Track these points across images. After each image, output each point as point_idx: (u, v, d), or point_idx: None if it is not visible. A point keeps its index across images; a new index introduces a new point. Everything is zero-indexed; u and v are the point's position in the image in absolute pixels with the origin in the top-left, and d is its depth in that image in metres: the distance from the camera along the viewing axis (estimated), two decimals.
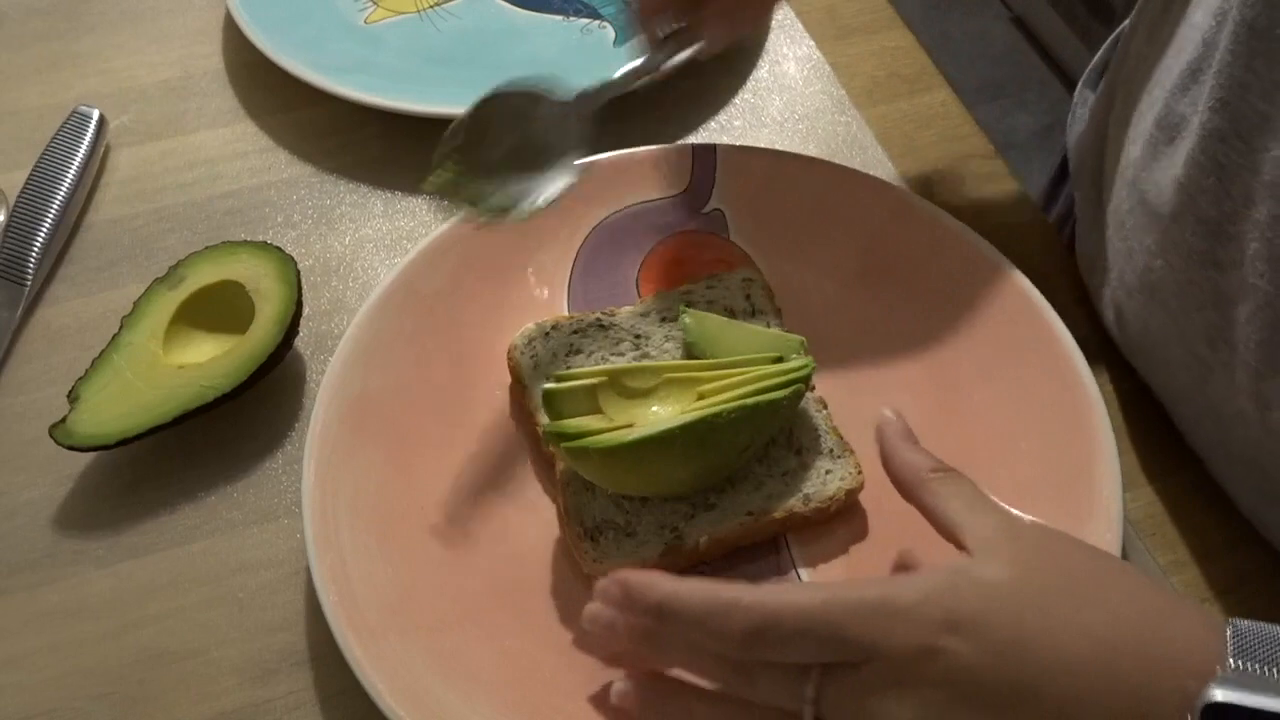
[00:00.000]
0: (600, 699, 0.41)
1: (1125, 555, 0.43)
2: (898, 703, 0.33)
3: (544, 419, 0.45)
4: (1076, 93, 0.64)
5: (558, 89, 0.48)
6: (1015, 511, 0.39)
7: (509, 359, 0.49)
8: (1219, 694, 0.30)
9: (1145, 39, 0.52)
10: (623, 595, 0.37)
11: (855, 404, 0.48)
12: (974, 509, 0.38)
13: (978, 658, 0.32)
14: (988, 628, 0.33)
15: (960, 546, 0.37)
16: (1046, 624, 0.33)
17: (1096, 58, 0.64)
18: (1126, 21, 0.58)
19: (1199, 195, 0.44)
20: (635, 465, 0.42)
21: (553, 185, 0.46)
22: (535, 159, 0.47)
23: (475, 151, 0.46)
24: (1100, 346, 0.53)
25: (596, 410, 0.44)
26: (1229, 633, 0.32)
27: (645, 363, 0.47)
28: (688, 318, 0.48)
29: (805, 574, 0.45)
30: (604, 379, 0.45)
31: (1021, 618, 0.33)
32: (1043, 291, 0.50)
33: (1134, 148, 0.50)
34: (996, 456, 0.47)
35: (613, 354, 0.49)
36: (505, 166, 0.47)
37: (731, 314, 0.50)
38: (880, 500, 0.46)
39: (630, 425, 0.43)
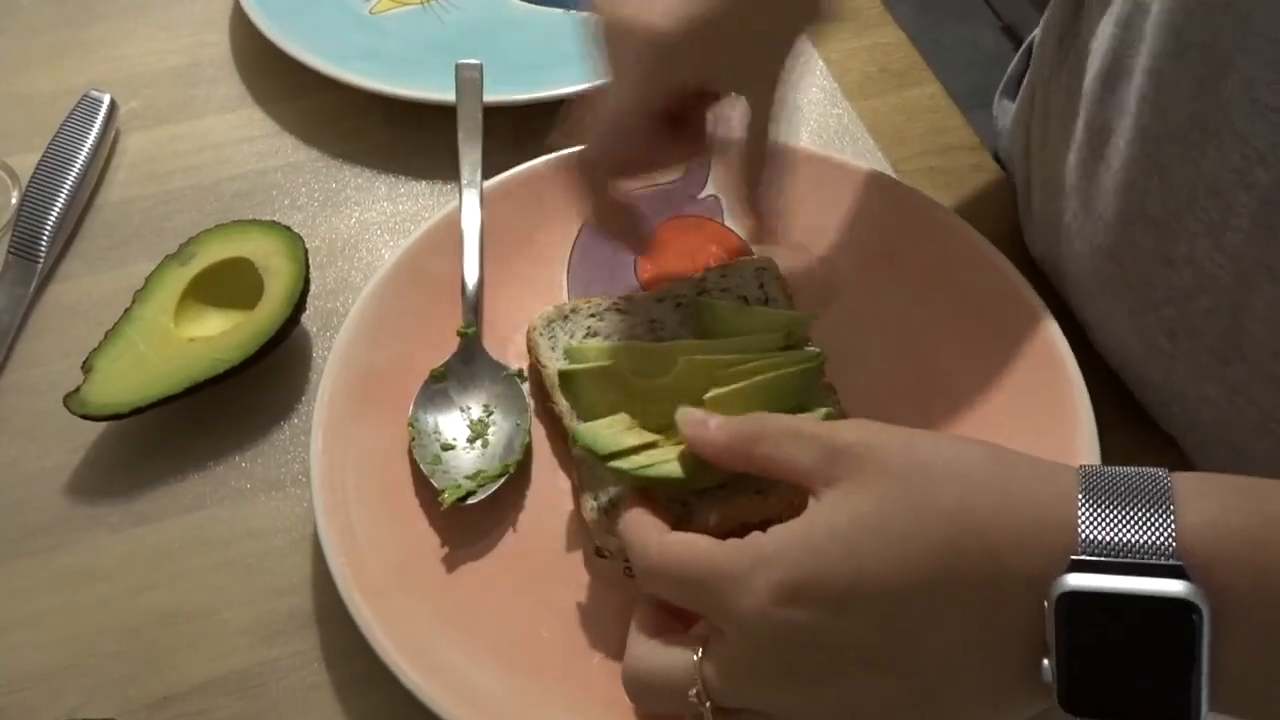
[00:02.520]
0: (595, 657, 0.43)
1: None
2: (774, 674, 0.33)
3: (561, 401, 0.47)
4: (995, 103, 0.66)
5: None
6: (858, 424, 0.37)
7: (528, 339, 0.51)
8: (1071, 581, 0.30)
9: (1055, 47, 0.54)
10: None
11: (843, 386, 0.50)
12: (808, 446, 0.36)
13: (821, 619, 0.32)
14: (820, 586, 0.32)
15: (810, 491, 0.35)
16: (883, 551, 0.32)
17: (1011, 68, 0.66)
18: (1037, 30, 0.59)
19: (1144, 196, 0.45)
20: (666, 484, 0.43)
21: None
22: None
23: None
24: (1076, 334, 0.54)
25: (611, 391, 0.45)
26: (1080, 495, 0.31)
27: (658, 344, 0.48)
28: (701, 306, 0.50)
29: None
30: (617, 361, 0.46)
31: (857, 554, 0.32)
32: (1026, 276, 0.52)
33: (1069, 156, 0.51)
34: (980, 436, 0.48)
35: (628, 338, 0.50)
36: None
37: (745, 301, 0.51)
38: None
39: (656, 439, 0.44)
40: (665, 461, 0.43)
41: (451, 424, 0.48)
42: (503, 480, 0.47)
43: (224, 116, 0.64)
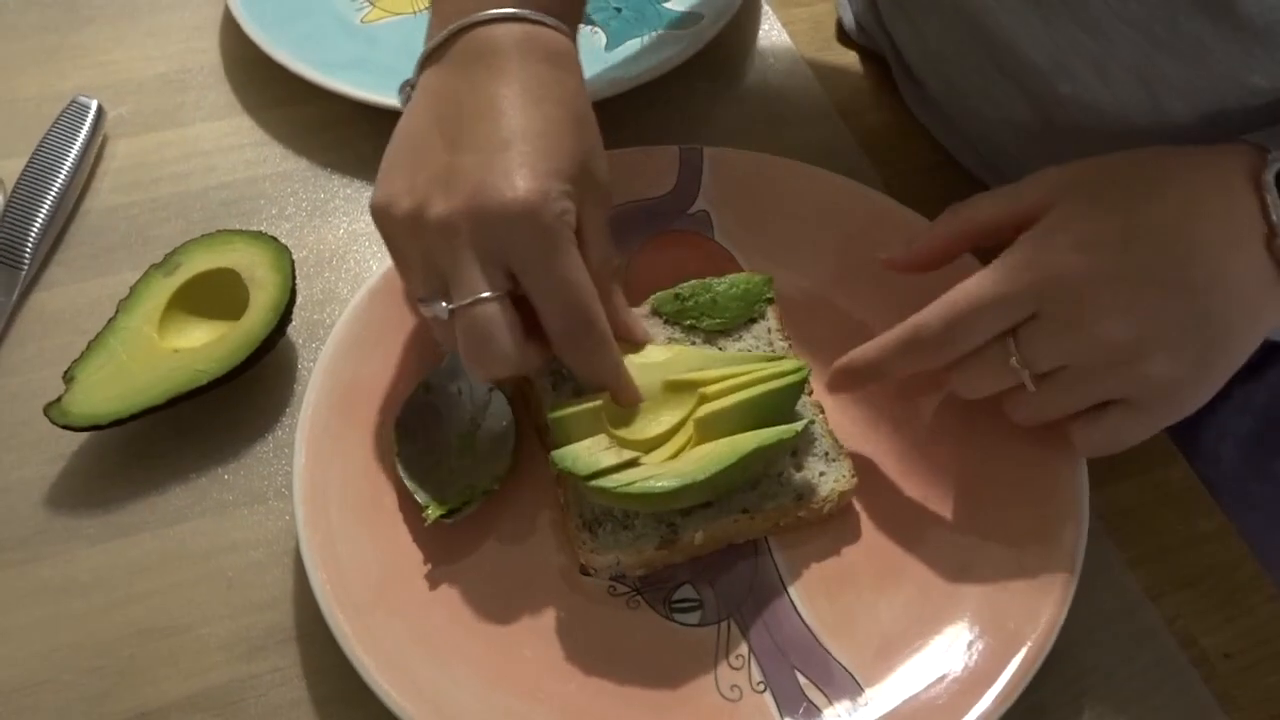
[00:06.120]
0: (578, 676, 0.43)
1: (1088, 549, 0.45)
2: (1094, 316, 0.41)
3: (548, 413, 0.47)
4: None
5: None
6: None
7: None
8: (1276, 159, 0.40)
9: None
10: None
11: (829, 401, 0.50)
12: (1002, 192, 0.45)
13: (1112, 238, 0.41)
14: (1093, 214, 0.42)
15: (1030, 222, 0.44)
16: (1143, 185, 0.42)
17: None
18: None
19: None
20: (652, 502, 0.43)
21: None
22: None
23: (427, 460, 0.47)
24: None
25: (601, 426, 0.45)
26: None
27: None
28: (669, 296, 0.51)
29: (795, 573, 0.46)
30: (607, 397, 0.45)
31: (1116, 204, 0.42)
32: None
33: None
34: (968, 452, 0.48)
35: None
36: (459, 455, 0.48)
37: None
38: (873, 503, 0.48)
39: (638, 455, 0.44)
40: (648, 478, 0.42)
41: (436, 439, 0.48)
42: (487, 497, 0.46)
43: (212, 124, 0.64)
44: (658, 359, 0.48)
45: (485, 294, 0.41)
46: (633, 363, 0.48)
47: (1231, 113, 0.47)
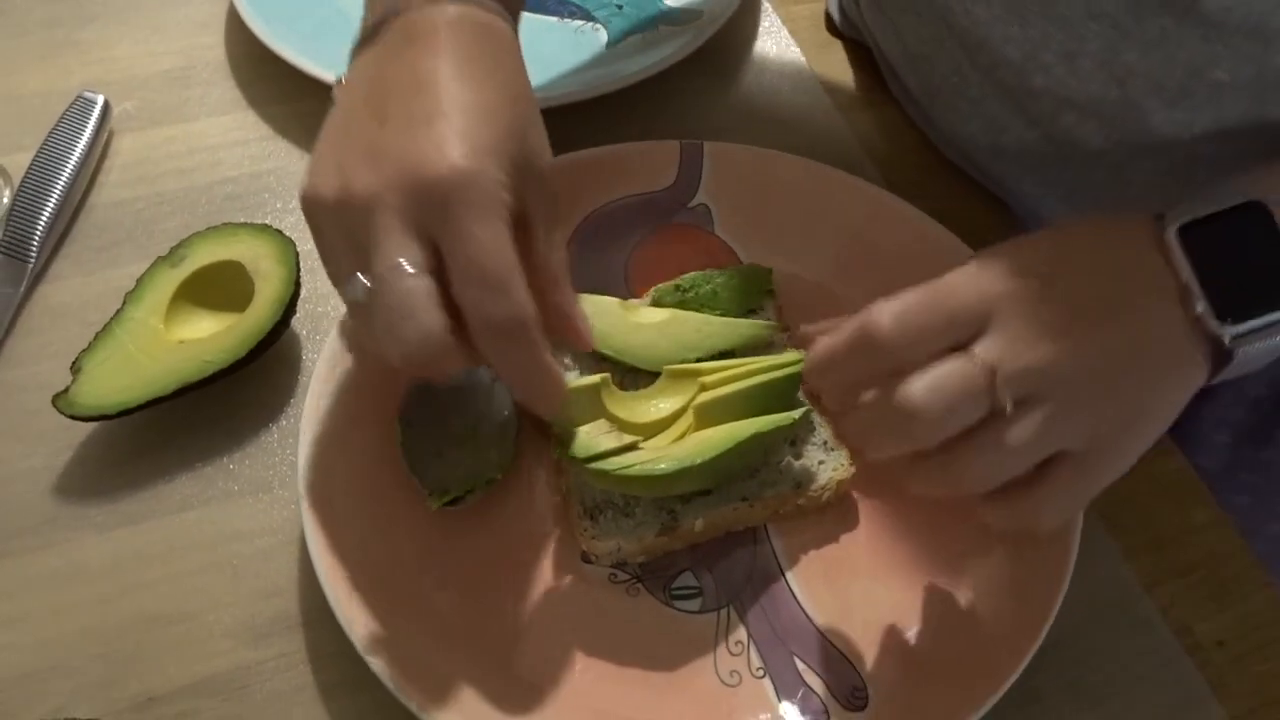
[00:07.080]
0: (579, 662, 0.43)
1: (1083, 540, 0.45)
2: (1048, 329, 0.38)
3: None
4: None
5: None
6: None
7: None
8: (1176, 216, 0.39)
9: None
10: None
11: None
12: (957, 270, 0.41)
13: (1047, 271, 0.39)
14: (1024, 254, 0.40)
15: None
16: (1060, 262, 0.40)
17: None
18: None
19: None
20: (651, 486, 0.44)
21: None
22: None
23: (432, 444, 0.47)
24: None
25: (601, 408, 0.46)
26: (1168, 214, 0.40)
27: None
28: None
29: (794, 560, 0.47)
30: (606, 377, 0.46)
31: (1041, 258, 0.40)
32: None
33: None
34: None
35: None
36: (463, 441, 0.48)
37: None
38: (871, 492, 0.48)
39: (638, 439, 0.45)
40: (647, 462, 0.43)
41: (439, 427, 0.48)
42: (489, 485, 0.47)
43: (217, 119, 0.64)
44: (654, 319, 0.48)
45: (407, 266, 0.37)
46: (629, 321, 0.48)
47: (1199, 106, 0.48)
